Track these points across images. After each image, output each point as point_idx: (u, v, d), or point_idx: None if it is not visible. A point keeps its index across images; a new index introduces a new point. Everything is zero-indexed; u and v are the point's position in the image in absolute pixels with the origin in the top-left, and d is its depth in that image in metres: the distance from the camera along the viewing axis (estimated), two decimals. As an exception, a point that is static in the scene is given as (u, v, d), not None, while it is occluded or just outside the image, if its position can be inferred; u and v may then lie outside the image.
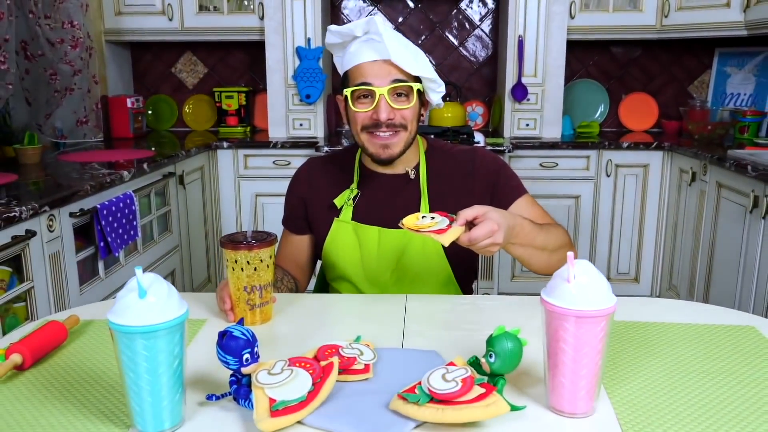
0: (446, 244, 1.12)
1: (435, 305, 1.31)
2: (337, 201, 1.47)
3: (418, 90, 1.38)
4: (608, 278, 3.26)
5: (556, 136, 3.32)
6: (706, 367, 1.00)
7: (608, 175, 3.16)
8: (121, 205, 2.20)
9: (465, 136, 3.17)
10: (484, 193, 1.45)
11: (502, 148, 3.00)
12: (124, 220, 2.22)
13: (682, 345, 1.08)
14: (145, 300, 0.81)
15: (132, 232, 2.28)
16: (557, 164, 3.15)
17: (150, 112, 3.81)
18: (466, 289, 1.55)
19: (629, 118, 3.66)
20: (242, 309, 1.19)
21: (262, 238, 1.18)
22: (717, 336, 1.12)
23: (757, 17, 2.83)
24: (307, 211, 1.52)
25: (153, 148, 3.14)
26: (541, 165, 3.15)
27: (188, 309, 0.85)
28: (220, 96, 3.64)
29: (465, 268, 1.52)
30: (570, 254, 0.86)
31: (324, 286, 1.65)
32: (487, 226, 1.13)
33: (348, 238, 1.46)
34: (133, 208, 2.28)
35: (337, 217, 1.47)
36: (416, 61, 1.36)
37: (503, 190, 1.45)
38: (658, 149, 3.11)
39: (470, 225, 1.15)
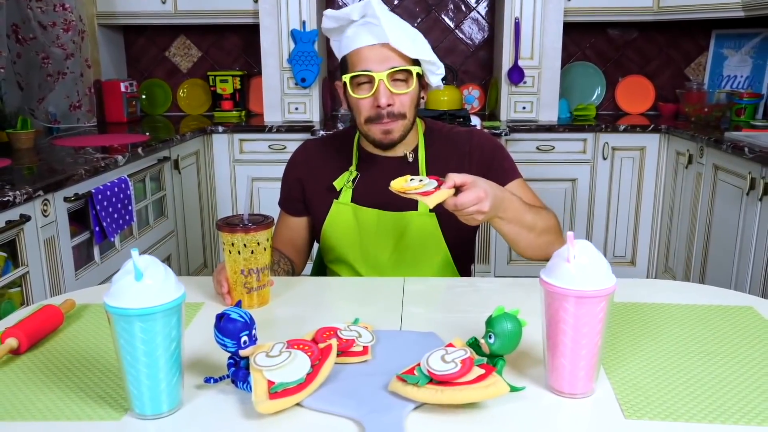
0: (431, 206, 1.12)
1: (433, 287, 1.31)
2: (337, 183, 1.47)
3: (418, 73, 1.36)
4: (604, 261, 3.30)
5: (552, 119, 3.30)
6: (705, 347, 1.00)
7: (605, 158, 3.15)
8: (116, 189, 2.19)
9: (461, 119, 3.15)
10: (479, 172, 1.44)
11: (498, 132, 2.99)
12: (119, 205, 2.20)
13: (681, 326, 1.08)
14: (142, 282, 0.81)
15: (127, 217, 2.27)
16: (554, 147, 3.14)
17: (144, 96, 3.78)
18: (464, 271, 1.55)
19: (626, 101, 3.65)
20: (239, 292, 1.18)
21: (259, 221, 1.17)
22: (716, 316, 1.12)
23: (755, -2, 2.81)
24: (305, 192, 1.51)
25: (147, 133, 3.12)
26: (537, 148, 3.14)
27: (185, 292, 0.85)
28: (214, 80, 3.61)
29: (463, 251, 1.51)
30: (570, 234, 0.85)
31: (321, 269, 1.64)
32: (474, 192, 1.13)
33: (347, 220, 1.45)
34: (128, 192, 2.27)
35: (336, 199, 1.46)
36: (414, 43, 1.34)
37: (496, 172, 1.44)
38: (655, 132, 3.10)
39: (458, 192, 1.15)
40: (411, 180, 1.15)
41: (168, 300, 0.81)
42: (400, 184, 1.14)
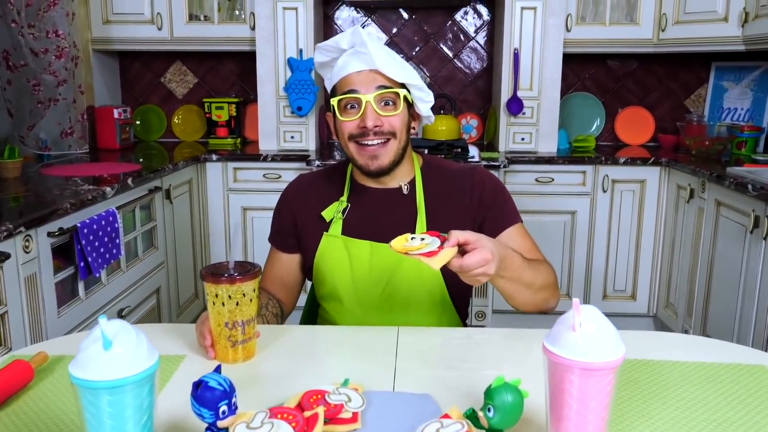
0: (436, 268, 1.06)
1: (428, 340, 1.24)
2: (326, 214, 1.42)
3: (406, 98, 1.35)
4: (604, 295, 3.25)
5: (552, 151, 3.26)
6: (717, 414, 0.94)
7: (605, 191, 3.10)
8: (103, 222, 2.12)
9: (459, 149, 3.11)
10: (479, 214, 1.39)
11: (497, 163, 2.94)
12: (106, 239, 2.14)
13: (692, 386, 1.02)
14: (111, 351, 0.74)
15: (114, 251, 2.21)
16: (553, 179, 3.09)
17: (138, 122, 3.73)
18: (462, 308, 1.48)
19: (625, 132, 3.61)
20: (223, 346, 1.12)
21: (246, 270, 1.11)
22: (727, 377, 1.06)
23: (756, 32, 2.78)
24: (297, 227, 1.46)
25: (141, 159, 3.07)
26: (536, 180, 3.09)
27: (159, 358, 0.78)
28: (210, 107, 3.56)
29: (461, 286, 1.45)
30: (576, 301, 0.79)
31: (314, 305, 1.58)
32: (481, 254, 1.06)
33: (338, 253, 1.39)
34: (116, 225, 2.21)
35: (327, 231, 1.41)
36: (403, 69, 1.35)
37: (497, 215, 1.40)
38: (656, 165, 3.05)
39: (461, 249, 1.09)
40: (412, 239, 1.08)
41: (139, 370, 0.75)
42: (400, 244, 1.08)
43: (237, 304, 1.09)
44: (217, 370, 0.85)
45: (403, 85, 1.35)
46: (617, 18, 3.25)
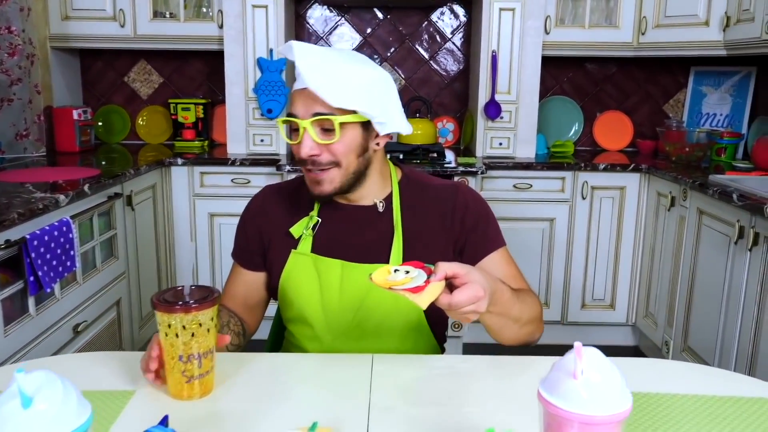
0: (423, 307, 0.95)
1: (405, 370, 1.13)
2: (294, 230, 1.29)
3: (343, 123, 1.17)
4: (582, 304, 3.18)
5: (530, 156, 3.18)
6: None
7: (584, 198, 3.03)
8: (56, 233, 1.98)
9: (435, 154, 3.01)
10: (460, 236, 1.28)
11: (474, 169, 2.85)
12: (58, 251, 1.99)
13: (694, 425, 0.93)
14: (32, 409, 0.62)
15: (69, 263, 2.06)
16: (531, 186, 3.01)
17: (100, 123, 3.57)
18: (440, 332, 1.37)
19: (604, 137, 3.55)
20: (177, 381, 1.00)
21: (203, 297, 0.99)
22: (730, 412, 0.97)
23: (737, 37, 2.73)
24: (264, 244, 1.34)
25: (103, 162, 2.92)
26: (514, 186, 3.01)
27: (92, 413, 0.67)
28: (176, 108, 3.41)
29: (439, 310, 1.34)
30: (578, 344, 0.69)
31: (281, 328, 1.46)
32: (472, 290, 0.96)
33: (306, 272, 1.27)
34: (70, 236, 2.06)
35: (295, 248, 1.29)
36: (344, 89, 1.15)
37: (480, 239, 1.28)
38: (636, 171, 2.99)
39: (449, 283, 0.98)
40: (395, 271, 0.97)
41: (67, 430, 0.63)
42: (382, 278, 0.97)
43: (192, 335, 0.98)
44: (164, 422, 0.74)
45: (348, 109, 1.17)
46: (597, 21, 3.18)
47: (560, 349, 0.72)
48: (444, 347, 1.41)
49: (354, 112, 1.17)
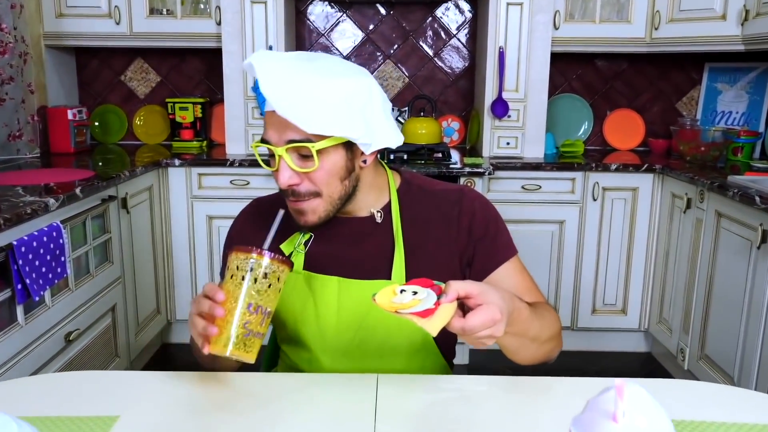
0: (434, 334, 0.85)
1: (412, 394, 1.04)
2: (285, 246, 1.17)
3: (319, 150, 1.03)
4: (593, 309, 3.07)
5: (538, 156, 3.08)
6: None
7: (595, 199, 2.92)
8: (45, 239, 1.89)
9: (440, 154, 2.91)
10: (468, 248, 1.17)
11: (481, 170, 2.75)
12: (48, 257, 1.90)
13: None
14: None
15: (59, 270, 1.97)
16: (540, 187, 2.91)
17: (97, 123, 3.48)
18: (447, 351, 1.26)
19: (614, 136, 3.44)
20: (231, 334, 0.91)
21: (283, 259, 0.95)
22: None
23: (756, 31, 2.62)
24: None
25: (99, 164, 2.83)
26: (523, 188, 2.91)
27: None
28: (173, 107, 3.32)
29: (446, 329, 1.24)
30: (619, 382, 0.59)
31: (276, 348, 1.37)
32: (488, 313, 0.86)
33: (300, 291, 1.16)
34: (61, 242, 1.97)
35: None
36: (318, 112, 1.00)
37: (489, 249, 1.17)
38: (649, 171, 2.88)
39: (461, 304, 0.88)
40: (401, 292, 0.87)
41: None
42: (387, 299, 0.87)
43: (269, 286, 0.92)
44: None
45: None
46: (608, 15, 3.07)
47: (570, 356, 0.62)
48: (453, 363, 1.30)
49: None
